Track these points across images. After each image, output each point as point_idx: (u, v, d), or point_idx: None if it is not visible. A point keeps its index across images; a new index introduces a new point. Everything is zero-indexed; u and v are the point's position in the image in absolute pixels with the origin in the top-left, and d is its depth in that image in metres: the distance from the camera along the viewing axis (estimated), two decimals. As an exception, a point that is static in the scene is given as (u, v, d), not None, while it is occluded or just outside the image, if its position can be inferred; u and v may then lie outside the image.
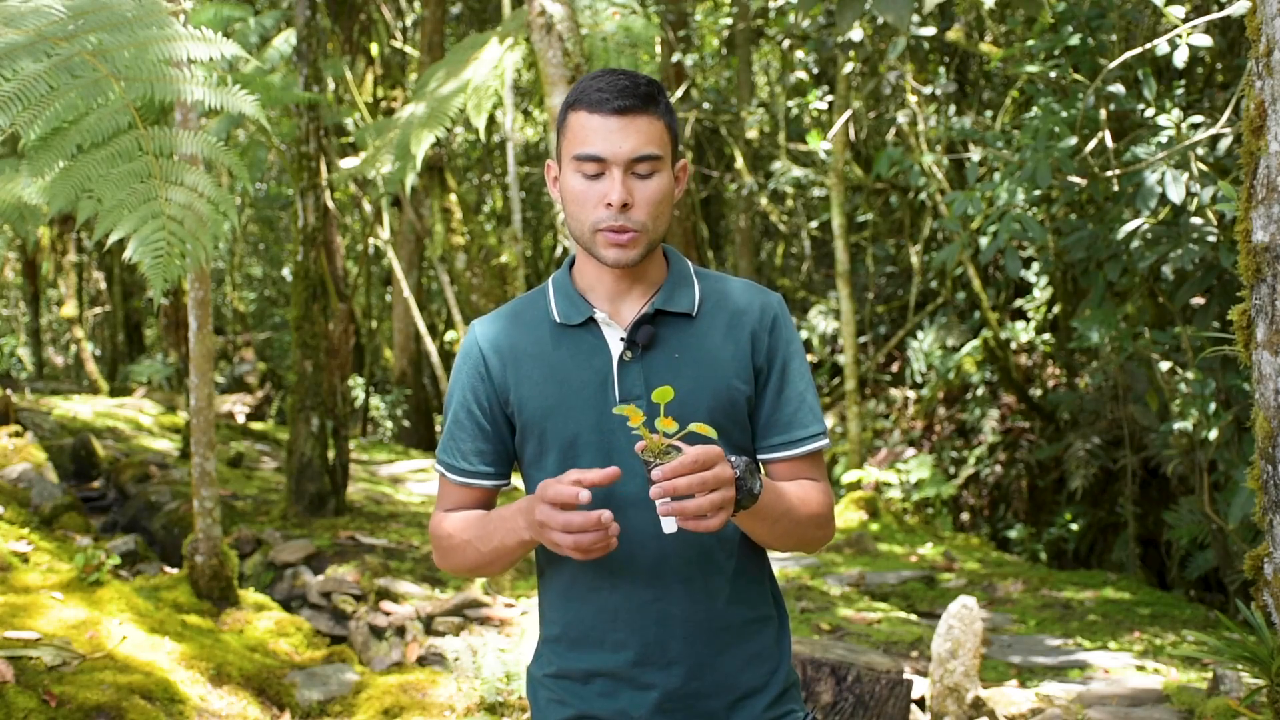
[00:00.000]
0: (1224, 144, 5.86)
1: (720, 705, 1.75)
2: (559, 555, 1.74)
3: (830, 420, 12.40)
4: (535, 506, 1.59)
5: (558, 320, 1.78)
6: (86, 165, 3.05)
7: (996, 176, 6.16)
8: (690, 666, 1.73)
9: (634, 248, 1.72)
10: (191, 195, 3.16)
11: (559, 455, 1.74)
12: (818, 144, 9.83)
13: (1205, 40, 5.36)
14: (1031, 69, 6.20)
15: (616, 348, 1.75)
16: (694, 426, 1.56)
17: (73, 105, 2.92)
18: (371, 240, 12.31)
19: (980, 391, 10.76)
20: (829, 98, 10.59)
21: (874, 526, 8.95)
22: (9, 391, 9.17)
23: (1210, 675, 4.02)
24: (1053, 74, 6.15)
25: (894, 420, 12.04)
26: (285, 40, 7.38)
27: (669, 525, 1.54)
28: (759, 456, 1.83)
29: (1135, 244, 5.81)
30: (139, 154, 3.12)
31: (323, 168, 7.04)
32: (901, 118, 10.25)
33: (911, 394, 12.04)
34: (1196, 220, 5.59)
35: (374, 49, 12.21)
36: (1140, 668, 4.86)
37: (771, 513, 1.68)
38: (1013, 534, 9.83)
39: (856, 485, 10.03)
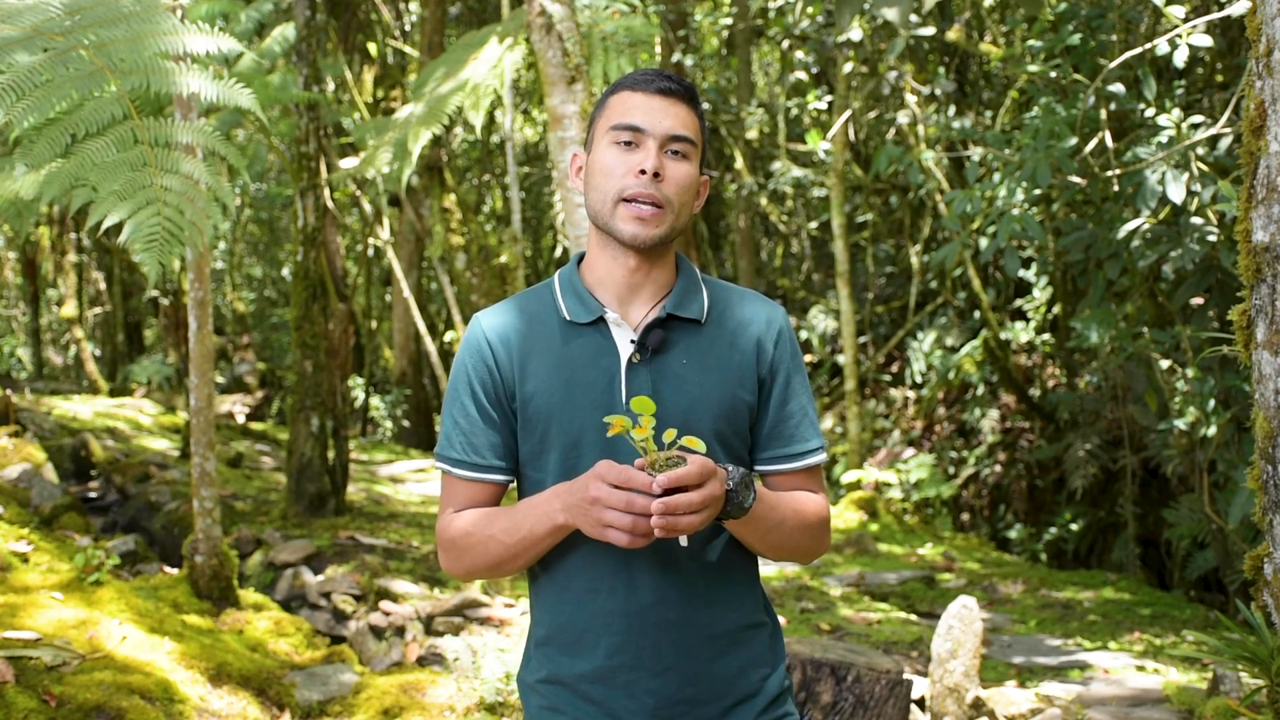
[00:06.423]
0: (1224, 144, 5.86)
1: (715, 711, 1.74)
2: (554, 555, 1.74)
3: (830, 420, 12.40)
4: (588, 484, 1.56)
5: (567, 318, 1.76)
6: (81, 154, 3.05)
7: (996, 176, 6.16)
8: (686, 673, 1.72)
9: (656, 225, 1.71)
10: (187, 183, 3.16)
11: (561, 454, 1.72)
12: (817, 144, 9.83)
13: (1205, 40, 5.36)
14: (1031, 69, 6.19)
15: (625, 349, 1.74)
16: (685, 440, 1.56)
17: (68, 97, 2.92)
18: (371, 240, 12.30)
19: (980, 391, 10.76)
20: (829, 98, 10.59)
21: (874, 526, 8.95)
22: (9, 391, 9.16)
23: (1210, 675, 4.02)
24: (1053, 74, 6.15)
25: (894, 420, 12.03)
26: (281, 34, 7.35)
27: (683, 538, 1.54)
28: (758, 468, 1.82)
29: (1135, 244, 5.81)
30: (134, 144, 3.11)
31: (322, 168, 7.03)
32: (901, 118, 10.25)
33: (911, 394, 12.04)
34: (1196, 220, 5.59)
35: (373, 49, 12.20)
36: (1140, 668, 4.86)
37: (764, 523, 1.69)
38: (1013, 534, 9.83)
39: (856, 485, 10.02)
